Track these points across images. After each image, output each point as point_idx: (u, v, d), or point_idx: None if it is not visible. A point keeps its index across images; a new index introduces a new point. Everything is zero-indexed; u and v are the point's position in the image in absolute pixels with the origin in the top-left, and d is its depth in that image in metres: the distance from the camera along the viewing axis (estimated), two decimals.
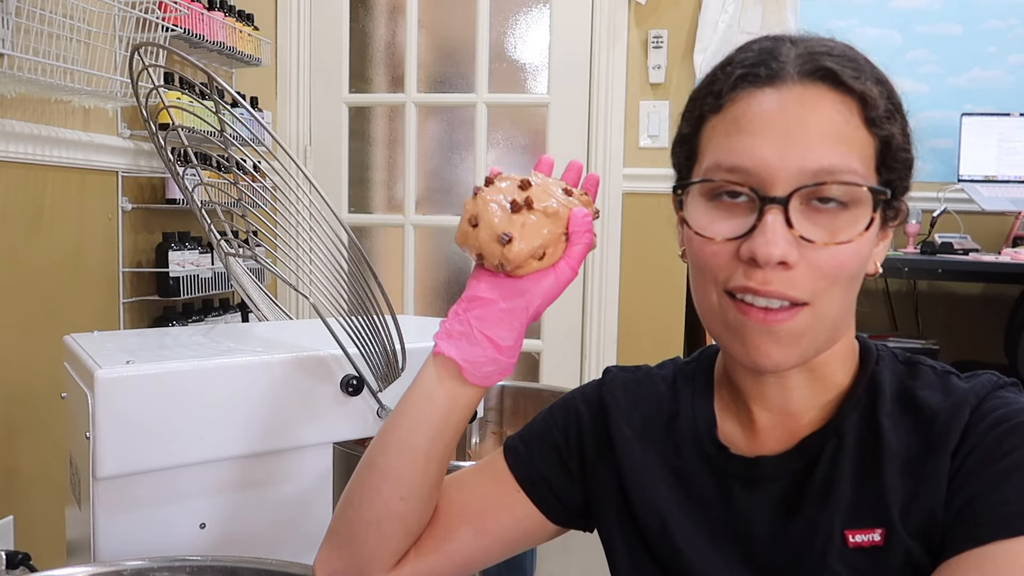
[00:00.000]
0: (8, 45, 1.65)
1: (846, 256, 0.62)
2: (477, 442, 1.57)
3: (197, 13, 2.22)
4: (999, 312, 2.74)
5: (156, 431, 1.02)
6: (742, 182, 0.62)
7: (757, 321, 0.62)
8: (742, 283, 0.62)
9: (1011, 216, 2.81)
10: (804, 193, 0.61)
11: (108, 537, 1.01)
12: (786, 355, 0.63)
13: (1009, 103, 2.84)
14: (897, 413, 0.66)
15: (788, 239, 0.60)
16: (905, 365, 0.69)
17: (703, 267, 0.65)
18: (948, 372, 0.67)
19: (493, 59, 2.92)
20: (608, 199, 2.85)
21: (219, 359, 1.08)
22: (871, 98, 0.63)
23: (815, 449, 0.67)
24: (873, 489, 0.63)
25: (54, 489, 1.61)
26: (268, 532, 1.12)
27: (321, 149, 3.01)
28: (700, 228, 0.64)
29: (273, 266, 1.21)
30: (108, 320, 2.19)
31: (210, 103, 1.11)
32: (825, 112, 0.62)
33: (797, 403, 0.69)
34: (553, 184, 0.74)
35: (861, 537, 0.63)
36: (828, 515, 0.64)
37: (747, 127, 0.63)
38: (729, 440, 0.72)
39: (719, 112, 0.65)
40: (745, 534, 0.69)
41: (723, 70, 0.66)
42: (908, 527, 0.61)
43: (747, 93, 0.64)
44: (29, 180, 1.89)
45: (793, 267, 0.61)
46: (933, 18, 2.88)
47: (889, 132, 0.64)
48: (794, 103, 0.62)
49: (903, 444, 0.64)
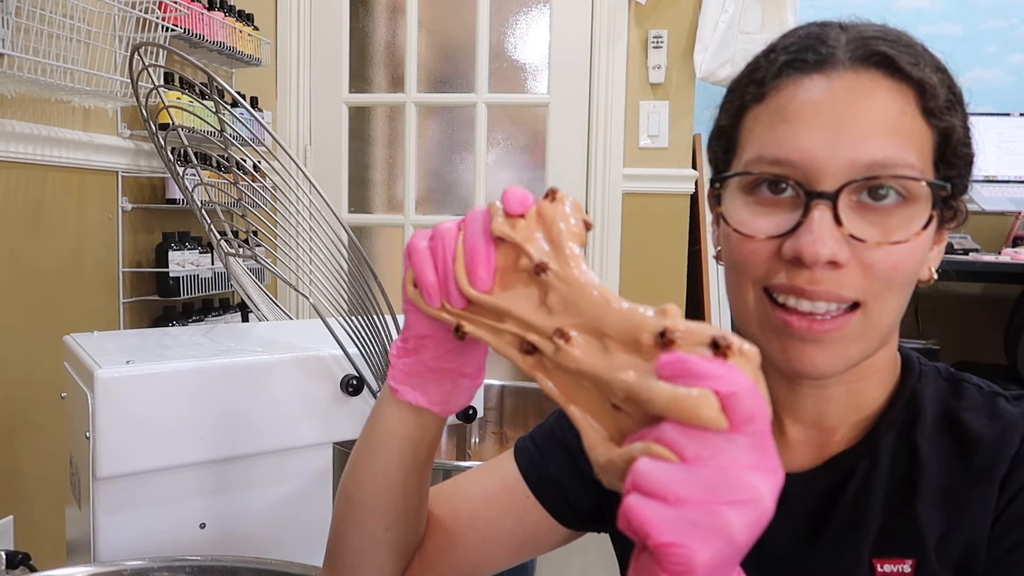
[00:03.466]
0: (8, 45, 1.65)
1: (901, 257, 0.56)
2: (477, 442, 1.57)
3: (197, 13, 2.21)
4: (999, 312, 2.74)
5: (156, 431, 1.02)
6: (787, 175, 0.57)
7: (801, 330, 0.57)
8: (786, 283, 0.57)
9: (1011, 216, 2.81)
10: (855, 188, 0.56)
11: (108, 537, 1.01)
12: (832, 363, 0.58)
13: (1009, 103, 2.84)
14: (937, 436, 0.61)
15: (837, 237, 0.55)
16: (949, 382, 0.64)
17: (741, 266, 0.60)
18: (996, 393, 0.62)
19: (493, 59, 2.92)
20: (608, 199, 2.85)
21: (219, 359, 1.08)
22: (930, 86, 0.58)
23: (846, 468, 0.62)
24: (906, 516, 0.59)
25: (54, 489, 1.61)
26: (268, 532, 1.12)
27: (321, 149, 3.01)
28: (739, 224, 0.59)
29: (273, 266, 1.21)
30: (108, 320, 2.19)
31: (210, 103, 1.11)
32: (880, 101, 0.57)
33: (832, 417, 0.64)
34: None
35: (890, 567, 0.58)
36: (856, 541, 0.60)
37: (792, 116, 0.57)
38: None
39: (762, 101, 0.60)
40: (766, 554, 0.64)
41: (766, 57, 0.61)
42: (942, 560, 0.57)
43: (793, 80, 0.59)
44: (29, 180, 1.89)
45: (844, 267, 0.55)
46: (933, 18, 2.88)
47: (950, 124, 0.58)
48: (845, 91, 0.57)
49: (942, 470, 0.59)
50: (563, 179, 2.89)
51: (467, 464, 1.37)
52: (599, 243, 2.86)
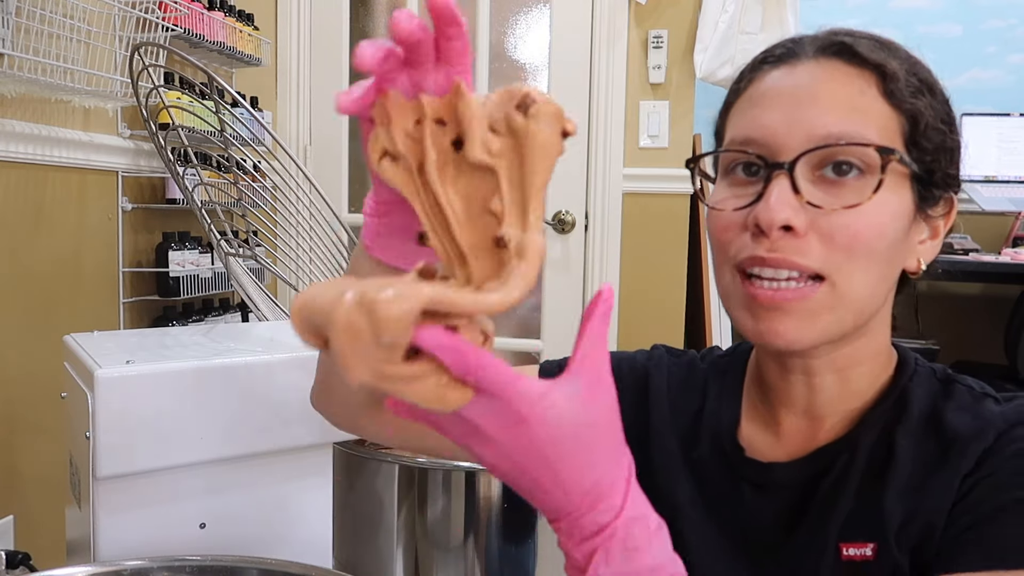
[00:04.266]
0: (8, 45, 1.65)
1: (861, 225, 0.59)
2: None
3: (197, 13, 2.21)
4: (999, 312, 2.74)
5: (156, 431, 1.02)
6: (750, 151, 0.62)
7: (765, 300, 0.60)
8: (750, 252, 0.60)
9: (1011, 216, 2.81)
10: (813, 161, 0.60)
11: (108, 537, 1.01)
12: (799, 334, 0.60)
13: (1009, 103, 2.84)
14: (919, 434, 0.63)
15: (793, 204, 0.59)
16: (942, 383, 0.66)
17: (716, 243, 0.64)
18: (986, 394, 0.64)
19: (493, 59, 2.92)
20: (608, 199, 2.85)
21: (219, 359, 1.08)
22: (890, 70, 0.61)
23: (828, 461, 0.65)
24: (873, 504, 0.62)
25: (54, 489, 1.61)
26: (268, 532, 1.12)
27: (321, 149, 3.01)
28: (713, 202, 0.64)
29: (273, 266, 1.21)
30: (108, 320, 2.19)
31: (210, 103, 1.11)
32: (838, 83, 0.61)
33: (823, 406, 0.67)
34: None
35: (854, 551, 0.62)
36: (826, 526, 0.63)
37: (759, 101, 0.63)
38: (748, 442, 0.70)
39: (739, 96, 0.66)
40: (752, 538, 0.68)
41: (749, 63, 0.68)
42: (901, 544, 0.60)
43: (763, 72, 0.65)
44: (29, 180, 1.89)
45: (802, 235, 0.59)
46: (933, 18, 2.88)
47: (915, 107, 0.61)
48: (806, 76, 0.62)
49: (915, 462, 0.62)
50: (563, 179, 2.89)
51: (466, 464, 1.37)
52: (599, 243, 2.86)
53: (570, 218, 2.90)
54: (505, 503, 1.31)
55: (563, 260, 2.91)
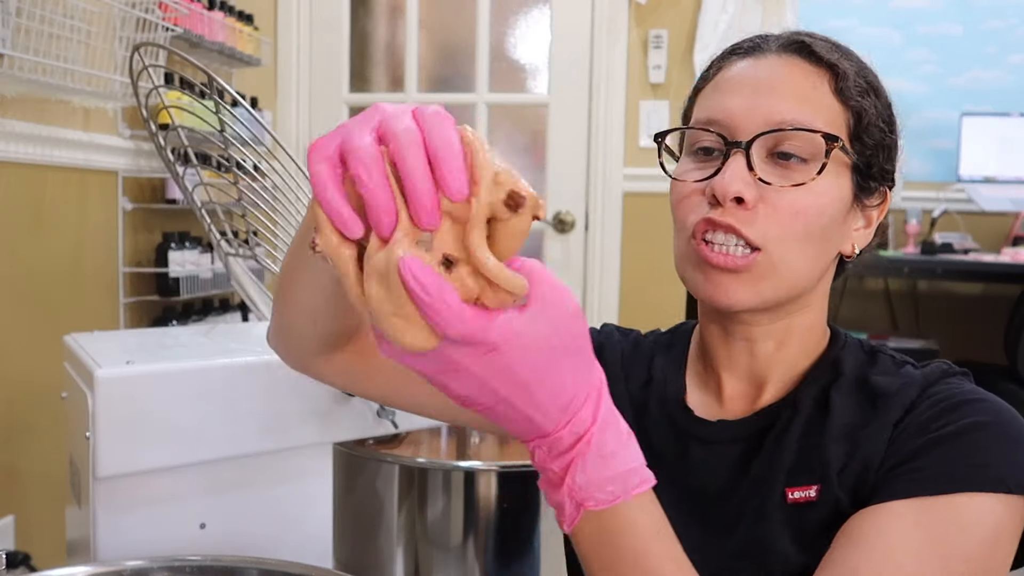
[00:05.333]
0: (8, 45, 1.65)
1: (803, 204, 0.66)
2: (477, 441, 1.57)
3: (197, 13, 2.22)
4: (999, 312, 2.74)
5: (156, 431, 1.02)
6: (713, 131, 0.69)
7: (715, 263, 0.66)
8: (704, 216, 0.67)
9: (1011, 216, 2.81)
10: (768, 145, 0.67)
11: (108, 537, 1.01)
12: (743, 295, 0.67)
13: (1009, 103, 2.84)
14: (851, 393, 0.70)
15: (747, 180, 0.66)
16: (867, 354, 0.74)
17: (677, 210, 0.71)
18: (905, 361, 0.72)
19: (493, 59, 2.92)
20: (608, 199, 2.85)
21: (219, 359, 1.08)
22: (842, 71, 0.69)
23: (772, 416, 0.72)
24: (815, 451, 0.68)
25: (54, 489, 1.61)
26: (268, 532, 1.12)
27: None
28: (677, 174, 0.72)
29: (273, 266, 1.21)
30: (108, 320, 2.19)
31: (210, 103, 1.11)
32: (795, 77, 0.69)
33: (763, 371, 0.73)
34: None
35: (799, 494, 0.67)
36: (773, 474, 0.69)
37: (724, 87, 0.71)
38: (695, 405, 0.76)
39: (707, 82, 0.73)
40: (698, 491, 0.72)
41: (719, 54, 0.75)
42: (842, 484, 0.66)
43: (731, 62, 0.72)
44: (29, 180, 1.89)
45: (752, 208, 0.66)
46: (933, 18, 2.88)
47: (860, 105, 0.69)
48: (767, 68, 0.70)
49: (850, 415, 0.69)
50: (563, 179, 2.89)
51: (466, 464, 1.37)
52: (599, 243, 2.86)
53: (570, 218, 2.90)
54: (505, 503, 1.31)
55: (563, 260, 2.91)
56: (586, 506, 0.53)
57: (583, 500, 0.53)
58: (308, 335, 0.72)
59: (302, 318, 0.70)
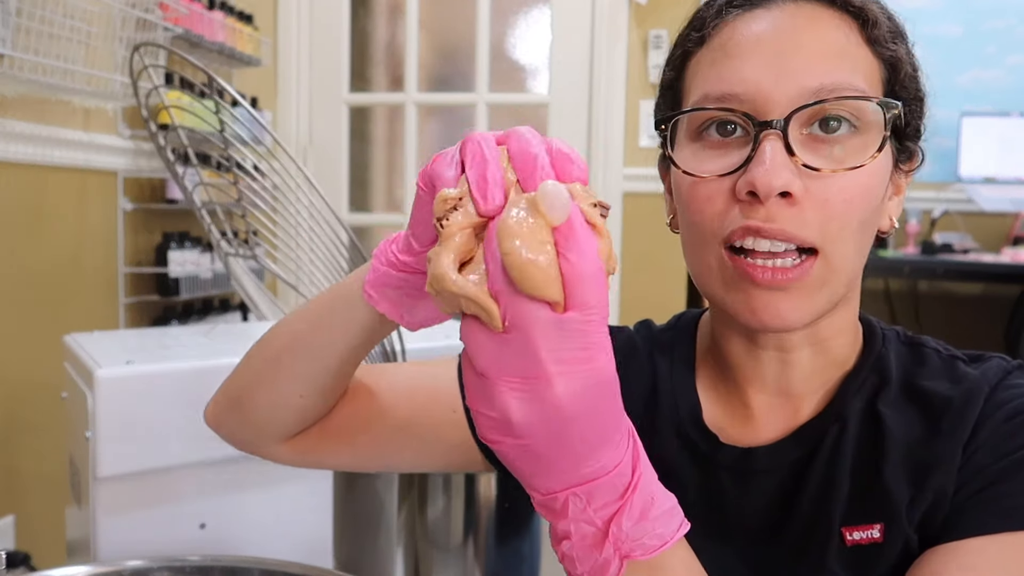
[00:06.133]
0: (8, 45, 1.65)
1: (859, 190, 0.54)
2: None
3: (197, 13, 2.22)
4: (999, 312, 2.74)
5: (156, 431, 1.02)
6: (734, 109, 0.55)
7: (764, 281, 0.54)
8: (742, 223, 0.54)
9: (1011, 216, 2.81)
10: (805, 116, 0.54)
11: (108, 537, 1.01)
12: (798, 313, 0.55)
13: (1009, 103, 2.84)
14: (901, 403, 0.59)
15: (790, 167, 0.52)
16: (908, 347, 0.63)
17: (697, 219, 0.57)
18: (954, 357, 0.62)
19: (493, 59, 2.92)
20: (608, 199, 2.85)
21: (219, 359, 1.08)
22: (872, 15, 0.56)
23: (816, 437, 0.60)
24: (874, 482, 0.58)
25: (54, 489, 1.61)
26: (268, 532, 1.12)
27: (321, 149, 3.01)
28: (689, 168, 0.57)
29: (273, 266, 1.21)
30: (108, 320, 2.19)
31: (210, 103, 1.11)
32: (823, 29, 0.55)
33: (799, 383, 0.61)
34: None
35: (859, 534, 0.57)
36: (827, 511, 0.58)
37: (735, 51, 0.56)
38: (718, 426, 0.64)
39: (703, 44, 0.59)
40: (737, 529, 0.62)
41: (707, 6, 0.60)
42: (912, 520, 0.56)
43: (734, 17, 0.57)
44: (29, 180, 1.89)
45: (799, 202, 0.53)
46: (933, 18, 2.88)
47: (895, 53, 0.57)
48: (787, 21, 0.55)
49: (907, 433, 0.58)
50: None
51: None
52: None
53: None
54: (505, 503, 1.31)
55: None
56: (633, 556, 0.43)
57: (631, 551, 0.43)
58: (288, 412, 0.65)
59: (292, 391, 0.64)
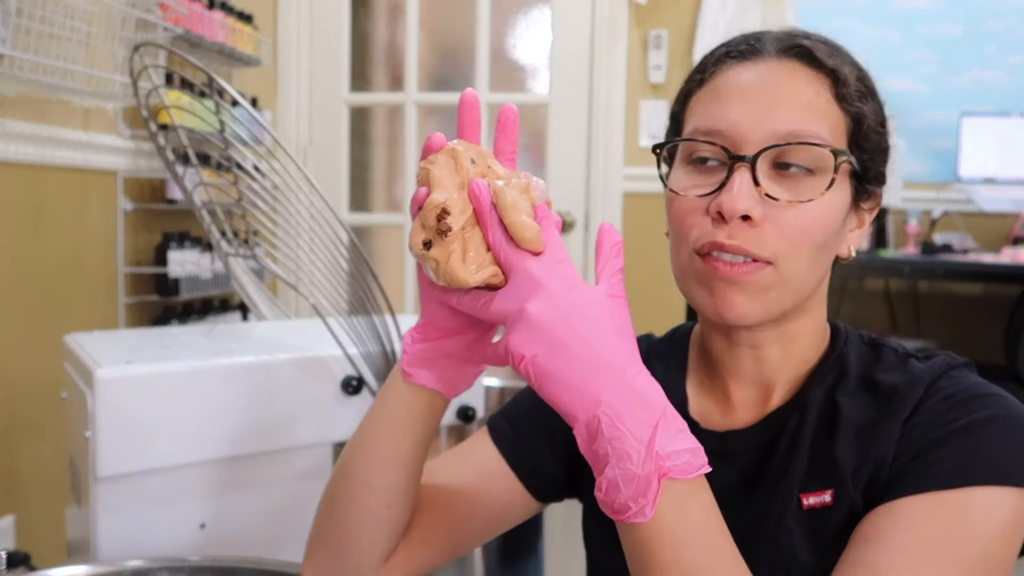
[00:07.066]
0: (8, 45, 1.65)
1: (811, 219, 0.66)
2: None
3: (197, 13, 2.22)
4: (999, 312, 2.74)
5: (156, 431, 1.02)
6: (715, 142, 0.67)
7: (724, 275, 0.66)
8: (710, 239, 0.66)
9: (1011, 216, 2.81)
10: (772, 157, 0.66)
11: (108, 537, 1.01)
12: (750, 307, 0.66)
13: (1009, 103, 2.84)
14: (858, 393, 0.70)
15: (754, 196, 0.65)
16: (870, 347, 0.74)
17: (678, 227, 0.70)
18: (908, 355, 0.72)
19: (493, 59, 2.92)
20: (608, 199, 2.85)
21: (219, 359, 1.08)
22: (842, 75, 0.68)
23: (781, 421, 0.71)
24: (827, 455, 0.68)
25: (54, 489, 1.61)
26: (268, 532, 1.12)
27: (321, 149, 3.01)
28: (678, 188, 0.70)
29: (273, 266, 1.21)
30: (108, 320, 2.19)
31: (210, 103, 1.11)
32: (798, 84, 0.67)
33: (770, 375, 0.73)
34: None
35: (814, 499, 0.67)
36: (788, 483, 0.68)
37: (725, 96, 0.68)
38: (701, 415, 0.76)
39: (702, 86, 0.71)
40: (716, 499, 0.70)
41: (711, 54, 0.73)
42: (856, 485, 0.66)
43: (727, 67, 0.70)
44: (29, 180, 1.89)
45: (758, 225, 0.65)
46: (933, 18, 2.88)
47: (860, 110, 0.68)
48: (769, 75, 0.68)
49: (859, 416, 0.68)
50: (563, 179, 2.89)
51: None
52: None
53: (570, 218, 2.90)
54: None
55: None
56: (671, 474, 0.52)
57: (668, 469, 0.52)
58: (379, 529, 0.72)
59: (379, 503, 0.71)
